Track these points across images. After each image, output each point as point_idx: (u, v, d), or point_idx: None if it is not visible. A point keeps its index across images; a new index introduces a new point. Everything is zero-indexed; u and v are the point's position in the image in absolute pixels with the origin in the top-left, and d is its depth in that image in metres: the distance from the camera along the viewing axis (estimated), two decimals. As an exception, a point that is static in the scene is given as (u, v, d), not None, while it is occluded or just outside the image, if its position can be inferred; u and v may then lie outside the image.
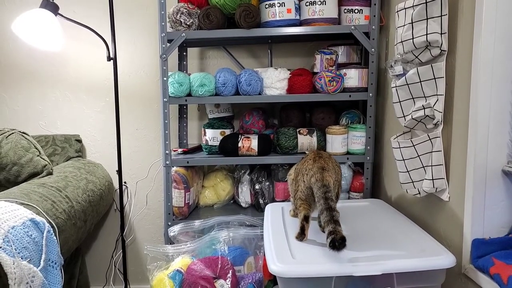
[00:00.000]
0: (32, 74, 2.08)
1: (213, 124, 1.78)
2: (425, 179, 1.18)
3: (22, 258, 1.12)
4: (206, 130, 1.77)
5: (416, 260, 0.98)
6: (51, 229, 1.30)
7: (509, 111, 0.99)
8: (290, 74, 1.69)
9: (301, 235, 1.14)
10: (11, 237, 1.12)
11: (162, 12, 1.60)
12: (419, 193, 1.23)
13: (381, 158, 1.71)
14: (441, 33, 1.09)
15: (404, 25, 1.16)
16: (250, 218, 1.64)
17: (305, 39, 1.93)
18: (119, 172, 1.99)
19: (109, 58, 1.86)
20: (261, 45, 2.00)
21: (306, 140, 1.71)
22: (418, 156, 1.21)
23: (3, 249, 1.07)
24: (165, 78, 1.64)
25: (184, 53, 1.97)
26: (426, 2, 1.09)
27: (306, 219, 1.15)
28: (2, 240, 1.09)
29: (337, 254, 1.03)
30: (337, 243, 0.97)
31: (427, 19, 1.10)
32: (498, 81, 0.98)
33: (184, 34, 1.61)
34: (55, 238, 1.30)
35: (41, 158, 1.69)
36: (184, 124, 2.02)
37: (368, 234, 1.18)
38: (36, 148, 1.71)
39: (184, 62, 1.97)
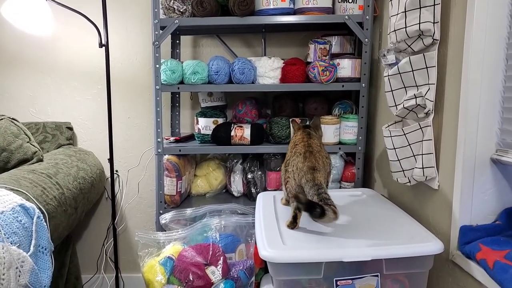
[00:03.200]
0: (23, 60, 2.05)
1: (205, 112, 1.78)
2: (416, 167, 1.20)
3: (11, 243, 1.11)
4: (199, 118, 1.76)
5: (405, 247, 1.00)
6: (41, 215, 1.29)
7: (499, 100, 1.00)
8: (283, 63, 1.69)
9: (293, 223, 1.14)
10: (0, 223, 1.11)
11: (155, -2, 1.59)
12: (409, 181, 1.24)
13: (373, 148, 1.72)
14: (434, 22, 1.09)
15: (397, 14, 1.16)
16: (242, 206, 1.65)
17: (299, 28, 1.93)
18: (111, 160, 1.98)
19: (101, 45, 1.84)
20: (255, 34, 1.99)
21: (298, 130, 1.71)
22: (409, 144, 1.22)
23: (-8, 234, 1.07)
24: (157, 65, 1.62)
25: (177, 41, 1.95)
26: (419, -9, 1.09)
27: (299, 208, 1.15)
28: (-9, 225, 1.08)
29: (328, 241, 1.05)
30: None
31: (420, 8, 1.10)
32: (489, 71, 0.99)
33: (177, 21, 1.60)
34: (45, 224, 1.29)
35: (31, 144, 1.67)
36: (177, 113, 2.01)
37: (358, 222, 1.19)
38: (26, 135, 1.69)
39: (177, 50, 1.95)
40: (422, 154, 1.17)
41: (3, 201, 1.19)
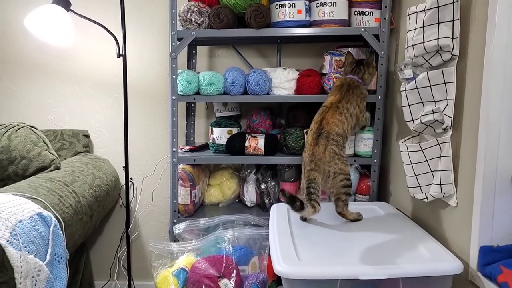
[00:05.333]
0: (42, 69, 2.10)
1: (220, 122, 1.79)
2: (433, 184, 1.17)
3: (28, 252, 1.13)
4: (214, 128, 1.77)
5: (423, 265, 0.98)
6: (58, 223, 1.31)
7: (521, 118, 0.98)
8: (298, 74, 1.68)
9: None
10: (18, 231, 1.13)
11: (173, 11, 1.61)
12: (426, 197, 1.22)
13: (388, 161, 1.70)
14: (453, 38, 1.08)
15: (415, 29, 1.15)
16: (255, 217, 1.64)
17: (314, 40, 1.92)
18: (126, 168, 2.00)
19: (118, 55, 1.87)
20: (270, 45, 1.99)
21: (313, 141, 1.70)
22: (426, 160, 1.20)
23: (10, 243, 1.08)
24: (174, 76, 1.64)
25: (194, 51, 1.97)
26: (438, 7, 1.08)
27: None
28: (10, 234, 1.10)
29: (343, 256, 1.03)
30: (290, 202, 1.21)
31: (438, 23, 1.09)
32: (510, 87, 0.97)
33: (194, 32, 1.61)
34: (61, 232, 1.31)
35: (49, 152, 1.71)
36: (192, 122, 2.03)
37: (374, 237, 1.18)
38: (45, 143, 1.72)
39: (193, 60, 1.97)
40: (440, 171, 1.15)
41: (21, 209, 1.22)
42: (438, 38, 1.08)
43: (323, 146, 1.35)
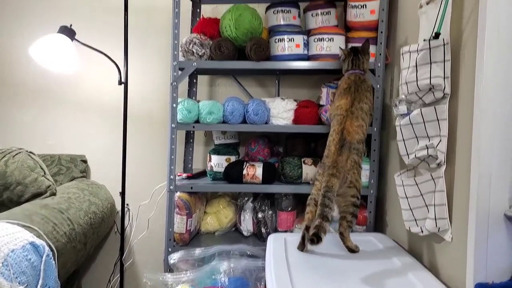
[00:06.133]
0: (43, 94, 2.13)
1: (219, 150, 1.80)
2: (428, 218, 1.18)
3: (19, 283, 1.11)
4: (212, 156, 1.79)
5: (418, 302, 0.97)
6: (51, 253, 1.29)
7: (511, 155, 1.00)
8: (296, 105, 1.72)
9: (302, 245, 1.31)
10: (10, 261, 1.11)
11: (175, 42, 1.65)
12: (422, 231, 1.23)
13: (385, 191, 1.71)
14: (444, 77, 1.12)
15: (409, 67, 1.19)
16: (251, 248, 1.63)
17: (312, 72, 1.97)
18: (122, 194, 2.00)
19: (120, 82, 1.90)
20: (269, 76, 2.04)
21: (310, 170, 1.72)
22: (421, 195, 1.21)
23: (1, 274, 1.07)
24: (174, 105, 1.67)
25: (194, 80, 2.01)
26: (429, 48, 1.12)
27: (307, 228, 1.30)
28: (1, 264, 1.09)
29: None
30: (311, 239, 1.21)
31: (430, 63, 1.13)
32: (500, 124, 0.99)
33: (195, 63, 1.66)
34: (53, 262, 1.29)
35: (46, 178, 1.71)
36: (190, 149, 2.04)
37: (370, 270, 1.17)
38: (42, 168, 1.72)
39: (194, 89, 2.01)
40: (434, 205, 1.16)
41: (14, 238, 1.20)
42: (430, 77, 1.12)
43: (346, 156, 1.38)
